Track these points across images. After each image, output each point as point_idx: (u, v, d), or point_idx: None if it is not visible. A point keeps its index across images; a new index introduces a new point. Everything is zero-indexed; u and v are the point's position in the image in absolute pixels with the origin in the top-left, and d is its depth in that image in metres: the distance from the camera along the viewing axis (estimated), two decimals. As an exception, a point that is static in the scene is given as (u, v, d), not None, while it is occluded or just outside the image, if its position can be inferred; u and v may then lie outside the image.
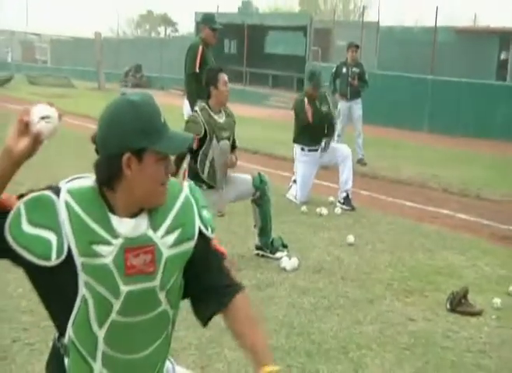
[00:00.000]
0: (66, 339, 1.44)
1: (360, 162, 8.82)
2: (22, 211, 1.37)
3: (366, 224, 5.58)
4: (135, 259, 1.41)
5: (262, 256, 4.50)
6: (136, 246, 1.41)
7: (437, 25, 16.23)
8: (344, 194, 6.16)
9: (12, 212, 1.37)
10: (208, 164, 4.28)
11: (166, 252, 1.45)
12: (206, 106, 4.30)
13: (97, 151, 1.42)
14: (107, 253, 1.38)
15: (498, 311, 3.67)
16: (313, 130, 6.19)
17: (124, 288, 1.41)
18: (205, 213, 1.55)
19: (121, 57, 28.85)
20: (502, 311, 3.66)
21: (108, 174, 1.38)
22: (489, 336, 3.34)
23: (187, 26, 45.20)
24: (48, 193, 1.40)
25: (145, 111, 1.38)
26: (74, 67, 32.02)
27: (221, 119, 4.34)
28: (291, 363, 2.94)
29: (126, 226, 1.40)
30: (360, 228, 5.44)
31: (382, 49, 18.89)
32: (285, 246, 4.56)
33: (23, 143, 1.36)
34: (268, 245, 4.50)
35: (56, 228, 1.35)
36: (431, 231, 5.49)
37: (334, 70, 9.31)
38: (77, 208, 1.37)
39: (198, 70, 6.01)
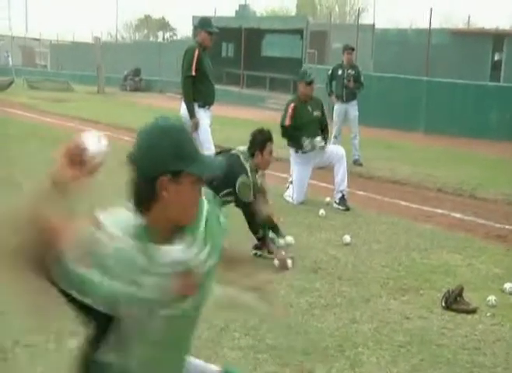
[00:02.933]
0: (101, 356, 1.50)
1: (356, 162, 8.87)
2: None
3: (363, 224, 5.62)
4: (177, 285, 1.48)
5: (260, 256, 4.54)
6: (178, 271, 1.47)
7: (432, 27, 16.32)
8: (339, 195, 6.21)
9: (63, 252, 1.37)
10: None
11: (204, 268, 1.53)
12: (252, 167, 4.40)
13: (133, 172, 1.46)
14: (150, 282, 1.45)
15: (493, 308, 3.71)
16: (302, 133, 6.22)
17: (165, 311, 1.49)
18: (223, 219, 1.64)
19: (120, 62, 28.90)
20: (496, 309, 3.70)
21: (146, 196, 1.43)
22: (484, 334, 3.38)
23: (185, 30, 45.32)
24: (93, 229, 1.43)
25: (179, 135, 1.46)
26: (73, 72, 32.06)
27: (259, 179, 4.51)
28: (289, 361, 2.98)
29: (165, 253, 1.46)
30: (356, 228, 5.49)
31: (377, 51, 18.99)
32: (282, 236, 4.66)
33: (79, 173, 1.43)
34: (267, 239, 4.54)
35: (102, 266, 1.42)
36: (426, 231, 5.53)
37: (330, 72, 9.38)
38: (121, 244, 1.45)
39: (194, 73, 6.06)
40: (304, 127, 6.24)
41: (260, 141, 4.43)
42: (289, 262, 4.35)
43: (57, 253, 1.35)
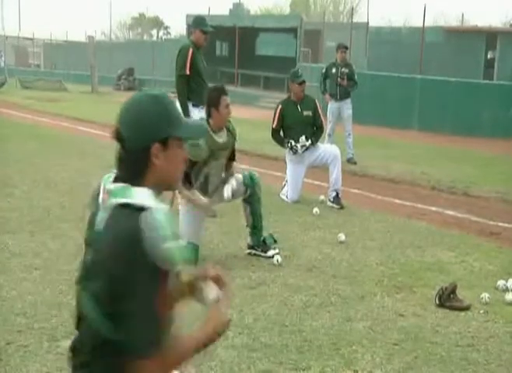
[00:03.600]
0: None
1: (350, 160, 8.89)
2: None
3: (357, 223, 5.64)
4: None
5: (254, 254, 4.55)
6: None
7: (425, 25, 16.36)
8: (334, 193, 6.23)
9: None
10: (201, 178, 4.33)
11: None
12: (207, 128, 4.32)
13: (123, 146, 1.47)
14: None
15: (486, 305, 3.72)
16: (291, 134, 6.28)
17: None
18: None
19: (114, 61, 28.84)
20: (490, 306, 3.72)
21: (140, 166, 1.46)
22: (477, 331, 3.40)
23: (178, 29, 45.20)
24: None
25: (166, 103, 1.51)
26: (67, 71, 31.96)
27: (221, 139, 4.38)
28: (283, 360, 2.98)
29: None
30: (351, 226, 5.50)
31: (371, 49, 19.01)
32: (275, 241, 4.61)
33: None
34: (260, 244, 4.55)
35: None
36: (420, 228, 5.55)
37: (323, 70, 9.39)
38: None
39: (188, 72, 6.06)
40: (293, 128, 6.31)
41: (213, 97, 4.32)
42: (279, 259, 4.37)
43: None
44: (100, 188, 1.50)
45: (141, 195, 1.42)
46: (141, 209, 1.37)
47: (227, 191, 4.34)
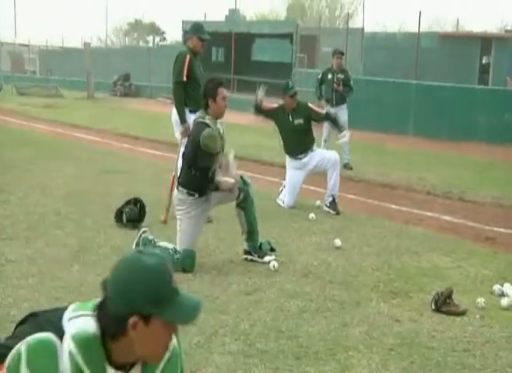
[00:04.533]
0: None
1: (346, 166, 8.91)
2: (23, 356, 1.35)
3: (353, 228, 5.64)
4: None
5: (251, 260, 4.55)
6: None
7: (421, 30, 16.45)
8: (330, 198, 6.24)
9: (12, 353, 1.36)
10: (210, 175, 4.33)
11: None
12: (210, 118, 4.33)
13: (106, 297, 1.42)
14: None
15: (482, 310, 3.74)
16: (284, 141, 6.49)
17: None
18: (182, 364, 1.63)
19: (110, 67, 28.85)
20: (486, 311, 3.73)
21: (114, 329, 1.38)
22: (474, 336, 3.40)
23: (174, 35, 45.34)
24: (51, 337, 1.38)
25: (157, 278, 1.39)
26: (63, 77, 31.95)
27: (221, 130, 4.44)
28: (280, 366, 2.98)
29: None
30: (347, 231, 5.51)
31: (367, 55, 19.09)
32: (273, 250, 4.61)
33: None
34: (256, 250, 4.55)
35: None
36: (416, 234, 5.56)
37: (319, 76, 9.42)
38: (79, 360, 1.37)
39: (185, 78, 6.06)
40: (285, 137, 6.44)
41: (211, 88, 4.33)
42: (275, 264, 4.37)
43: None
44: None
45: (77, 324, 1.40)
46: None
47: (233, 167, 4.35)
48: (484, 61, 18.99)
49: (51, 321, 1.42)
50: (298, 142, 6.34)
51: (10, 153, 9.42)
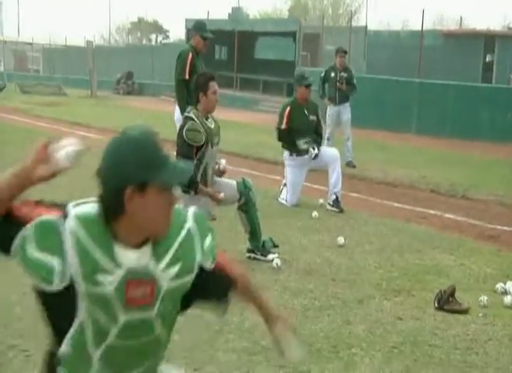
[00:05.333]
0: (60, 353, 1.48)
1: (349, 164, 8.91)
2: (31, 235, 1.39)
3: (356, 226, 5.65)
4: (135, 291, 1.44)
5: (254, 258, 4.56)
6: (137, 279, 1.43)
7: (424, 28, 16.40)
8: (333, 197, 6.24)
9: (21, 233, 1.40)
10: (201, 169, 4.34)
11: (166, 285, 1.47)
12: (198, 113, 4.34)
13: (100, 184, 1.43)
14: (109, 283, 1.40)
15: (484, 308, 3.74)
16: (297, 136, 6.25)
17: (123, 317, 1.44)
18: (208, 242, 1.57)
19: (113, 65, 28.88)
20: (488, 309, 3.74)
21: (112, 207, 1.39)
22: (476, 334, 3.41)
23: (177, 33, 45.32)
24: (57, 218, 1.41)
25: (145, 146, 1.41)
26: (66, 76, 32.00)
27: (211, 125, 4.40)
28: (283, 363, 2.98)
29: (129, 257, 1.42)
30: (350, 229, 5.52)
31: (370, 53, 19.07)
32: (276, 246, 4.62)
33: (43, 171, 1.43)
34: (259, 249, 4.56)
35: (61, 254, 1.38)
36: (419, 232, 5.57)
37: (322, 74, 9.41)
38: (83, 236, 1.39)
39: (187, 76, 6.08)
40: (300, 130, 6.26)
41: (202, 82, 4.33)
42: (279, 262, 4.38)
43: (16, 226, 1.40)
44: None
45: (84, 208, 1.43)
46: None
47: (222, 195, 4.34)
48: (487, 59, 18.94)
49: (57, 205, 1.47)
50: (311, 138, 6.25)
51: (13, 151, 9.44)
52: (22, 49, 42.55)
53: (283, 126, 6.31)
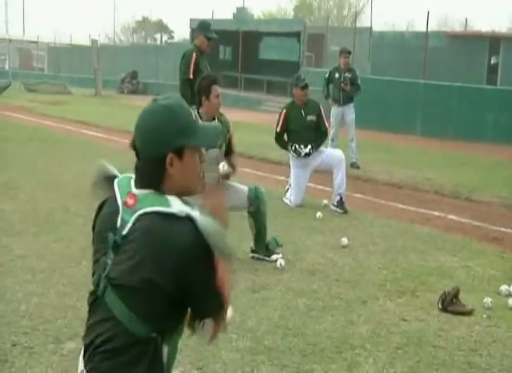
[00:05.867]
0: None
1: (353, 165, 8.91)
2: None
3: (360, 227, 5.65)
4: None
5: (258, 258, 4.57)
6: None
7: (429, 29, 16.38)
8: (338, 197, 6.24)
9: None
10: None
11: None
12: (200, 114, 4.34)
13: (138, 156, 1.53)
14: None
15: (489, 310, 3.74)
16: (295, 138, 6.31)
17: None
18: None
19: (118, 64, 28.93)
20: (492, 311, 3.73)
21: (156, 175, 1.51)
22: (480, 335, 3.41)
23: (182, 33, 45.41)
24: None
25: (179, 114, 1.53)
26: (71, 75, 32.07)
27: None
28: (286, 363, 3.00)
29: None
30: (354, 230, 5.51)
31: (375, 54, 19.05)
32: (280, 246, 4.62)
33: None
34: (263, 249, 4.56)
35: None
36: (423, 233, 5.56)
37: (327, 75, 9.41)
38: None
39: (191, 76, 6.09)
40: (296, 132, 6.32)
41: (204, 85, 4.31)
42: (282, 262, 4.38)
43: None
44: (116, 190, 1.55)
45: (176, 205, 1.49)
46: (183, 218, 1.46)
47: (223, 167, 4.31)
48: (492, 61, 18.90)
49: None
50: (309, 139, 6.28)
51: (19, 149, 9.48)
52: (27, 47, 42.66)
53: (278, 129, 6.42)
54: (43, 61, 41.60)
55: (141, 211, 1.48)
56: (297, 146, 6.28)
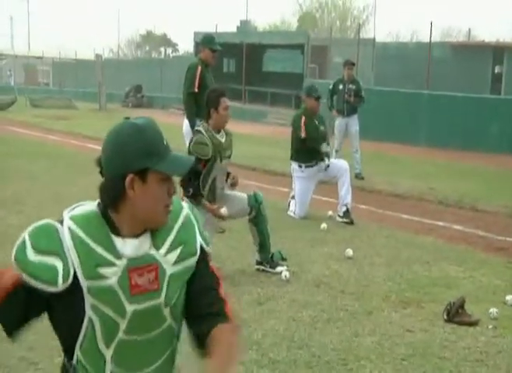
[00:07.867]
0: (74, 361, 1.47)
1: (358, 176, 8.92)
2: (27, 241, 1.40)
3: (364, 238, 5.65)
4: (139, 279, 1.44)
5: (263, 270, 4.58)
6: (140, 266, 1.43)
7: (432, 40, 16.44)
8: (344, 208, 6.24)
9: (16, 243, 1.42)
10: (209, 182, 4.37)
11: (170, 270, 1.48)
12: (208, 127, 4.38)
13: (101, 173, 1.46)
14: (112, 275, 1.41)
15: (494, 320, 3.73)
16: (310, 147, 6.29)
17: (130, 308, 1.43)
18: (201, 227, 1.60)
19: (122, 78, 29.13)
20: (498, 321, 3.72)
21: (113, 195, 1.41)
22: (486, 346, 3.40)
23: (186, 46, 45.70)
24: (51, 221, 1.45)
25: (147, 133, 1.42)
26: (76, 89, 32.31)
27: (222, 138, 4.43)
28: (291, 375, 3.00)
29: (129, 246, 1.43)
30: (358, 241, 5.51)
31: (378, 65, 19.12)
32: (284, 259, 4.63)
33: None
34: (268, 261, 4.57)
35: (61, 254, 1.38)
36: (428, 243, 5.56)
37: (331, 87, 9.46)
38: (80, 233, 1.40)
39: (196, 89, 6.14)
40: (315, 140, 6.28)
41: (213, 97, 4.35)
42: (287, 274, 4.39)
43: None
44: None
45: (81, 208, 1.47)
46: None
47: (224, 210, 4.37)
48: (496, 71, 18.94)
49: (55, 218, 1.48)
50: (318, 148, 6.26)
51: (24, 164, 9.55)
52: (32, 63, 43.05)
53: (303, 134, 6.27)
54: (49, 77, 41.95)
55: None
56: (323, 156, 6.25)
